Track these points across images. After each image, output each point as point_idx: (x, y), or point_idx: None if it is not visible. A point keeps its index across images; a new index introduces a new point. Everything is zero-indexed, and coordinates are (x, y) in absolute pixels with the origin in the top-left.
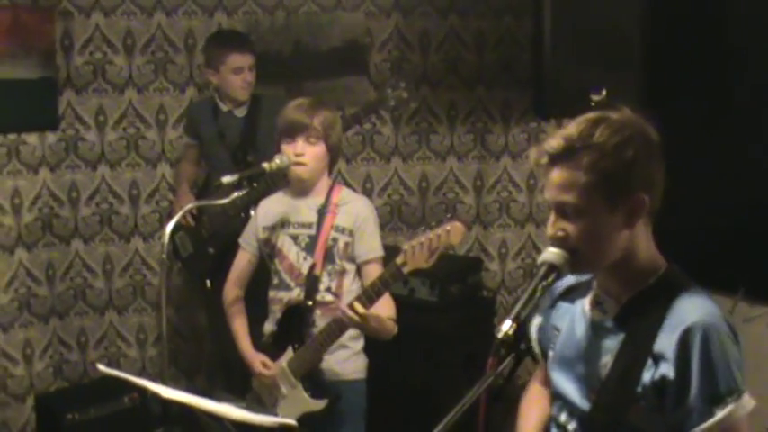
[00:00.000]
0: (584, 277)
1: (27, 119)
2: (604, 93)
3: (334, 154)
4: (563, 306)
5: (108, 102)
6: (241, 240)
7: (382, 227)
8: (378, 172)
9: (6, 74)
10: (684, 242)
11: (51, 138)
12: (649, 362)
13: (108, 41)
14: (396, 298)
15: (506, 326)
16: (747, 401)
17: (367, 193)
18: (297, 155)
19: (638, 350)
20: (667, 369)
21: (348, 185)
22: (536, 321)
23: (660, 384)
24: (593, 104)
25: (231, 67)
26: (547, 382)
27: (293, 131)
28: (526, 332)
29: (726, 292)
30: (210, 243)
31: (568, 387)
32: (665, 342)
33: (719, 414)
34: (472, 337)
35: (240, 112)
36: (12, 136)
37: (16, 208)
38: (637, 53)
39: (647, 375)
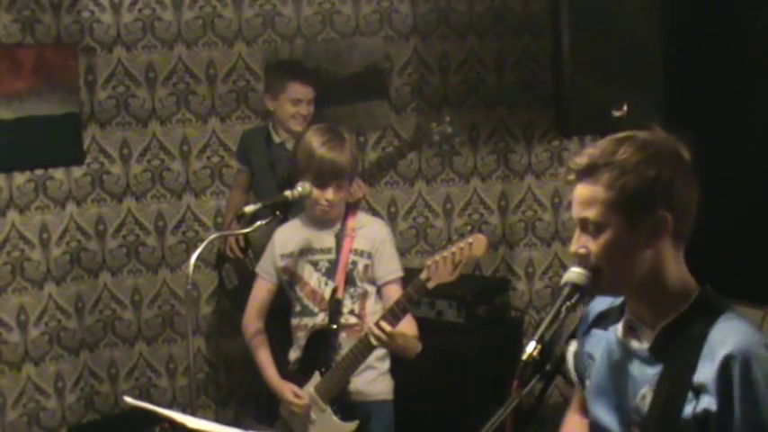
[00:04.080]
0: (617, 302)
1: (53, 154)
2: (626, 108)
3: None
4: (597, 333)
5: (132, 135)
6: (258, 270)
7: (408, 250)
8: (402, 195)
9: (32, 111)
10: (713, 254)
11: (77, 172)
12: (690, 395)
13: (130, 75)
14: (423, 320)
15: (531, 347)
16: None
17: (392, 216)
18: (327, 200)
19: (678, 382)
20: (709, 402)
21: (373, 210)
22: (572, 348)
23: (703, 417)
24: (614, 121)
25: (290, 97)
26: (585, 411)
27: (325, 179)
28: (552, 353)
29: (757, 303)
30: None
31: (607, 418)
32: (705, 373)
33: None
34: (500, 358)
35: (292, 145)
36: (39, 171)
37: (44, 242)
38: (656, 68)
39: (689, 408)
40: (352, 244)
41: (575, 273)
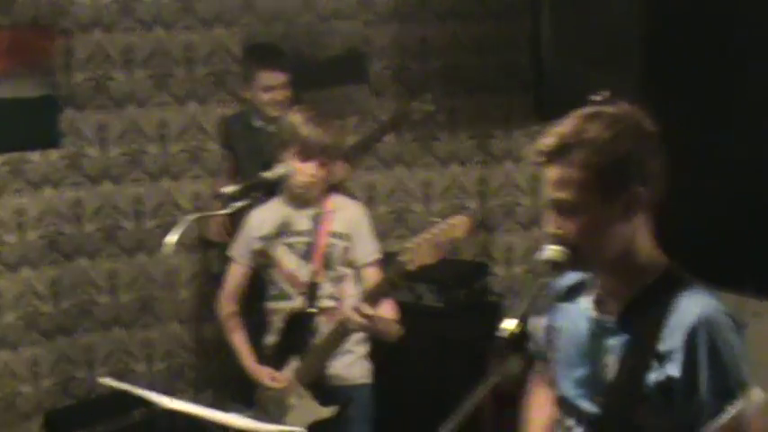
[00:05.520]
0: (584, 277)
1: (29, 137)
2: (604, 93)
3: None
4: (564, 307)
5: (109, 118)
6: (233, 253)
7: (387, 234)
8: (381, 180)
9: (8, 93)
10: (690, 239)
11: (54, 155)
12: (654, 363)
13: (108, 57)
14: (402, 304)
15: (511, 324)
16: (757, 394)
17: (371, 200)
18: (309, 174)
19: (642, 351)
20: (674, 369)
21: (352, 194)
22: (540, 322)
23: (668, 384)
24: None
25: (261, 85)
26: (552, 384)
27: (309, 152)
28: (531, 332)
29: (733, 288)
30: None
31: (573, 390)
32: (670, 342)
33: (731, 409)
34: (480, 341)
35: (273, 128)
36: (15, 154)
37: (21, 226)
38: (636, 52)
39: (653, 376)
40: (330, 226)
41: (552, 250)
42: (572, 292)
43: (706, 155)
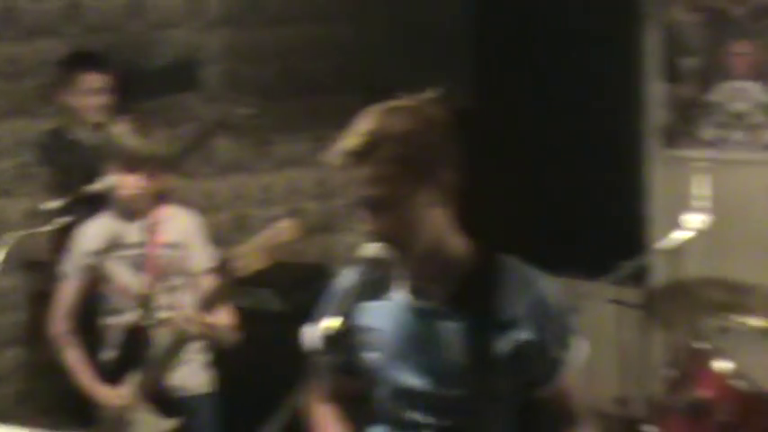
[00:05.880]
0: (377, 274)
1: None
2: (435, 91)
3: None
4: (373, 305)
5: None
6: (64, 269)
7: (229, 241)
8: (219, 187)
9: None
10: (519, 227)
11: None
12: (500, 333)
13: None
14: (242, 310)
15: (331, 321)
16: (583, 345)
17: (210, 208)
18: (134, 187)
19: (486, 325)
20: (524, 332)
21: (189, 202)
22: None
23: (518, 349)
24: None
25: (82, 89)
26: (336, 397)
27: (135, 163)
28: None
29: (558, 272)
30: None
31: (418, 380)
32: (512, 310)
33: (571, 359)
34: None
35: (91, 139)
36: None
37: None
38: (467, 50)
39: (503, 345)
40: (162, 237)
41: (370, 248)
42: (372, 291)
43: (531, 147)
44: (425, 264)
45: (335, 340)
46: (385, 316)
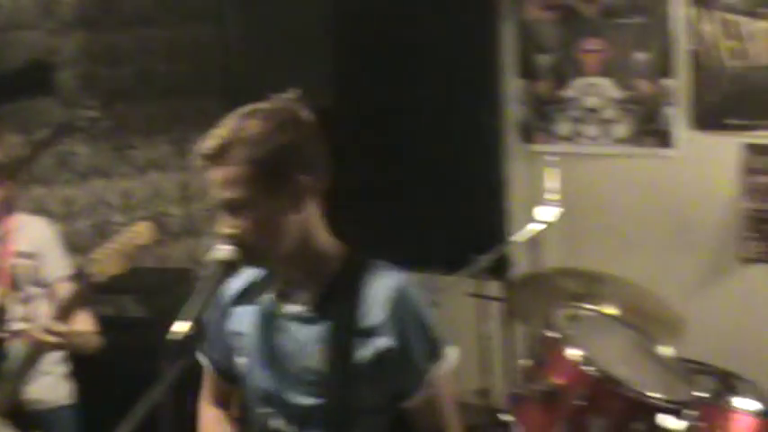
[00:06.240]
0: (253, 278)
1: None
2: (295, 92)
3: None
4: (240, 310)
5: None
6: None
7: (89, 248)
8: (79, 193)
9: None
10: (380, 224)
11: None
12: (361, 340)
13: None
14: (106, 318)
15: (182, 326)
16: (452, 353)
17: (70, 215)
18: None
19: (347, 332)
20: (385, 340)
21: (48, 210)
22: (215, 333)
23: (380, 356)
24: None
25: None
26: (219, 400)
27: None
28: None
29: (417, 267)
30: None
31: (280, 385)
32: (373, 317)
33: (438, 368)
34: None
35: None
36: None
37: None
38: (327, 50)
39: (364, 352)
40: (14, 246)
41: (222, 251)
42: (245, 296)
43: (391, 145)
44: (291, 267)
45: (185, 345)
46: (252, 321)
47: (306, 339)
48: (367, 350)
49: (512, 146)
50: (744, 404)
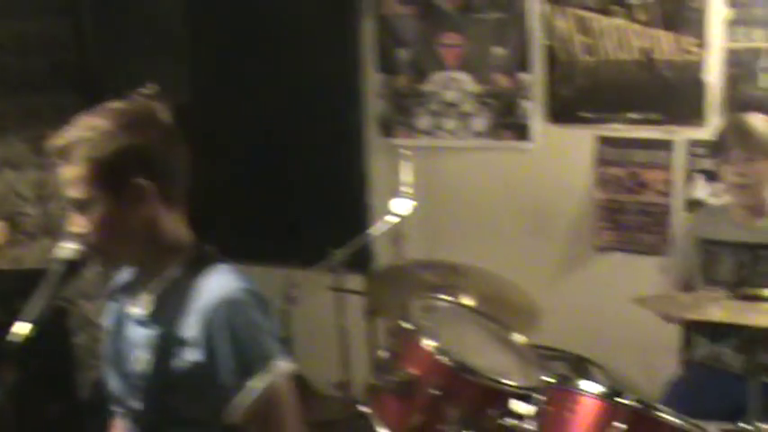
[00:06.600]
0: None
1: None
2: (153, 87)
3: None
4: (111, 306)
5: None
6: None
7: None
8: None
9: None
10: (240, 220)
11: None
12: (179, 350)
13: None
14: None
15: (23, 328)
16: (283, 367)
17: None
18: None
19: (168, 339)
20: (197, 353)
21: None
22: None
23: (191, 369)
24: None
25: None
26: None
27: None
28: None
29: (278, 262)
30: None
31: (121, 388)
32: (190, 327)
33: (255, 385)
34: (52, 350)
35: None
36: None
37: None
38: (182, 43)
39: (179, 363)
40: None
41: (65, 249)
42: (120, 292)
43: (252, 141)
44: (139, 269)
45: (24, 346)
46: (111, 318)
47: (138, 343)
48: (182, 361)
49: (372, 140)
50: (589, 387)
